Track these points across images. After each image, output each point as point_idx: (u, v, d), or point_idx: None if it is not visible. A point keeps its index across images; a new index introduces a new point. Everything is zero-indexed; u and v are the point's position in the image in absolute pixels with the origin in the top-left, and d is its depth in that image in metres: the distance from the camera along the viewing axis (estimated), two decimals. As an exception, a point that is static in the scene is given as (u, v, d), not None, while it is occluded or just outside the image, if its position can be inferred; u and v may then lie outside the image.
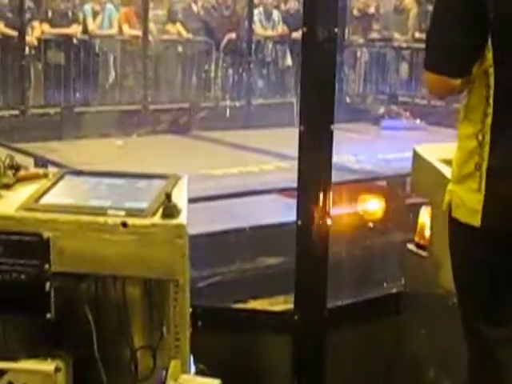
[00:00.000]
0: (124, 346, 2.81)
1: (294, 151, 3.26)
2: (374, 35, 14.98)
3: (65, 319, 2.63)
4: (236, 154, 9.84)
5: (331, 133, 3.15)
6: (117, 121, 11.27)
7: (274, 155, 9.07)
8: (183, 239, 2.48)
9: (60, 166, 5.76)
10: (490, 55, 2.25)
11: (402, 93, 14.27)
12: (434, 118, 11.72)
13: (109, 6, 12.82)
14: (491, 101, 2.28)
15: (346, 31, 14.08)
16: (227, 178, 8.07)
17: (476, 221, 2.32)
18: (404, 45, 14.49)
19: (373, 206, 6.33)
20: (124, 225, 2.49)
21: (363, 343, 3.50)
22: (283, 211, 4.57)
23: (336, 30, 3.10)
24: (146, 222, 2.49)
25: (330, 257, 3.34)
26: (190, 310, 2.65)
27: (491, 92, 2.28)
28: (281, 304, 3.96)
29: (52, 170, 2.98)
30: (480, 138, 2.31)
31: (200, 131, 11.51)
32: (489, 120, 2.29)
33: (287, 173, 3.28)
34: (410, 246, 3.40)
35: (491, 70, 2.27)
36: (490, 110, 2.28)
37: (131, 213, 2.53)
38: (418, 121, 12.30)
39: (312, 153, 3.18)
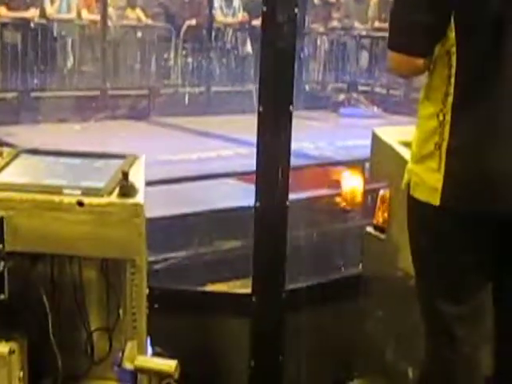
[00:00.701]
0: (80, 327, 2.79)
1: (253, 137, 3.25)
2: (335, 24, 15.00)
3: (19, 300, 2.60)
4: (195, 139, 9.81)
5: (290, 114, 3.14)
6: (75, 106, 11.17)
7: (233, 141, 9.05)
8: (140, 218, 2.46)
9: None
10: (452, 35, 2.26)
11: (362, 81, 14.33)
12: (393, 107, 11.78)
13: (67, -11, 12.68)
14: (453, 80, 2.28)
15: (307, 19, 14.06)
16: (186, 163, 8.04)
17: (435, 200, 2.32)
18: (364, 33, 14.53)
19: (332, 190, 6.36)
20: (80, 204, 2.46)
21: (322, 325, 3.50)
22: (242, 196, 4.56)
23: (296, 10, 3.08)
24: (103, 201, 2.47)
25: (289, 241, 3.34)
26: (147, 291, 2.63)
27: (453, 71, 2.28)
28: (239, 288, 3.94)
29: (7, 149, 2.92)
30: (441, 117, 2.31)
31: (159, 117, 11.45)
32: (450, 99, 2.29)
33: (246, 158, 3.27)
34: (369, 229, 3.41)
35: (453, 50, 2.27)
36: (452, 90, 2.29)
37: (87, 192, 2.50)
38: (375, 108, 12.35)
39: (271, 134, 3.17)
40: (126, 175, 2.50)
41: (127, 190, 2.49)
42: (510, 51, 2.23)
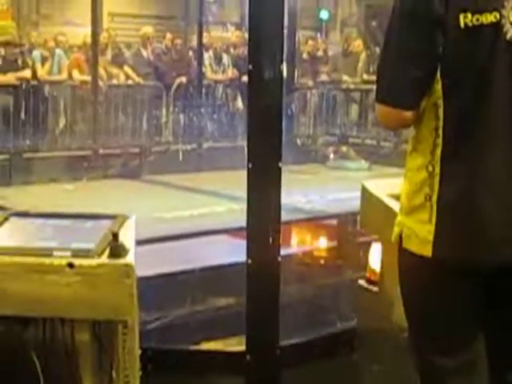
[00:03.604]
0: (73, 391, 2.75)
1: (245, 193, 3.25)
2: (324, 77, 15.15)
3: (10, 366, 2.57)
4: (187, 196, 9.82)
5: (279, 169, 3.15)
6: (67, 166, 11.20)
7: (225, 197, 9.07)
8: (131, 279, 2.45)
9: (7, 211, 5.66)
10: (438, 87, 2.28)
11: (353, 134, 14.42)
12: (383, 159, 11.84)
13: (58, 51, 12.79)
14: (440, 132, 2.30)
15: (296, 74, 14.20)
16: (179, 220, 8.03)
17: (427, 251, 2.32)
18: (352, 86, 14.67)
19: (324, 244, 6.36)
20: (70, 265, 2.45)
21: (317, 381, 3.47)
22: (235, 252, 4.55)
23: (282, 67, 3.11)
24: (93, 262, 2.46)
25: (282, 296, 3.32)
26: (140, 351, 2.61)
27: (440, 123, 2.30)
28: (234, 345, 3.91)
29: (-3, 213, 2.92)
30: (430, 168, 2.32)
31: (151, 175, 11.48)
32: (438, 151, 2.30)
33: (239, 214, 3.29)
34: (361, 282, 3.40)
35: (440, 102, 2.29)
36: (440, 141, 2.30)
37: (77, 253, 2.49)
38: (363, 161, 12.42)
39: (260, 190, 3.18)
40: (115, 236, 2.50)
41: (117, 250, 2.49)
42: (496, 103, 2.25)
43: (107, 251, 2.50)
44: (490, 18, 2.22)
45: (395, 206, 2.88)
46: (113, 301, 2.46)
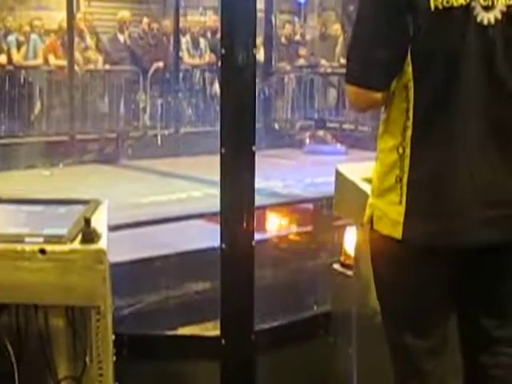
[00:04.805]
0: (47, 377, 2.75)
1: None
2: (301, 62, 15.13)
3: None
4: (165, 181, 9.80)
5: (253, 154, 3.14)
6: (43, 151, 11.11)
7: (202, 182, 9.05)
8: (103, 264, 2.45)
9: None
10: (409, 69, 2.29)
11: (331, 118, 14.42)
12: (361, 143, 11.83)
13: (33, 36, 12.69)
14: (411, 114, 2.31)
15: (273, 58, 14.17)
16: (155, 205, 8.02)
17: (398, 233, 2.33)
18: (330, 70, 14.65)
19: (299, 229, 6.37)
20: (42, 251, 2.45)
21: (292, 365, 3.48)
22: (211, 237, 4.55)
23: (254, 51, 3.11)
24: (65, 248, 2.46)
25: (257, 280, 3.32)
26: (114, 337, 2.61)
27: (410, 105, 2.31)
28: (210, 330, 3.91)
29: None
30: (400, 150, 2.33)
31: (128, 160, 11.44)
32: (409, 133, 2.31)
33: (216, 199, 3.30)
34: (336, 266, 3.41)
35: (410, 84, 2.29)
36: (410, 124, 2.31)
37: (50, 239, 2.49)
38: (338, 145, 12.44)
39: (234, 175, 3.17)
40: (88, 221, 2.50)
41: (90, 236, 2.49)
42: (466, 85, 2.26)
43: (79, 237, 2.49)
44: (460, 0, 2.22)
45: (369, 189, 2.88)
46: (85, 287, 2.46)
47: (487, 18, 2.24)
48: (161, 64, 13.38)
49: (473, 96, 2.27)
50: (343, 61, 14.10)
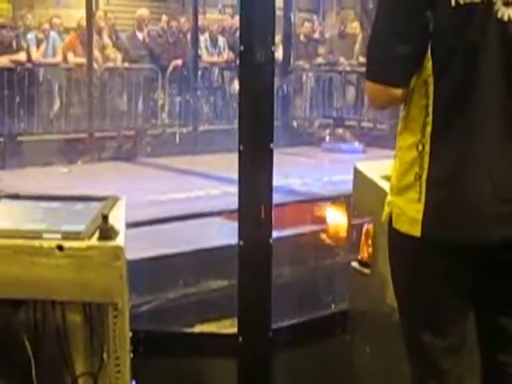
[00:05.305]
0: (64, 373, 2.76)
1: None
2: (320, 60, 15.10)
3: (1, 348, 2.57)
4: (183, 179, 9.81)
5: (271, 151, 3.14)
6: (62, 149, 11.17)
7: (221, 180, 9.06)
8: (121, 261, 2.44)
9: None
10: (429, 65, 2.27)
11: (349, 116, 14.39)
12: (379, 141, 11.80)
13: (53, 34, 12.72)
14: (430, 110, 2.29)
15: (292, 56, 14.16)
16: (174, 202, 8.02)
17: (416, 231, 2.31)
18: (348, 69, 14.62)
19: (318, 226, 6.35)
20: (60, 248, 2.44)
21: (309, 363, 3.47)
22: (229, 234, 4.55)
23: (273, 48, 3.10)
24: (83, 244, 2.45)
25: (275, 278, 3.31)
26: (131, 334, 2.61)
27: (430, 102, 2.29)
28: (228, 327, 3.91)
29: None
30: (420, 147, 2.31)
31: (146, 158, 11.47)
32: (428, 130, 2.30)
33: (234, 197, 3.30)
34: (354, 264, 3.39)
35: (430, 80, 2.28)
36: (430, 120, 2.29)
37: (67, 236, 2.49)
38: (357, 143, 12.41)
39: (252, 172, 3.16)
40: (105, 218, 2.49)
41: (107, 232, 2.48)
42: (486, 81, 2.25)
43: (97, 233, 2.49)
44: None
45: (387, 187, 2.87)
46: (102, 283, 2.45)
47: (508, 13, 2.22)
48: (179, 62, 13.39)
49: (492, 92, 2.25)
50: (362, 59, 14.06)
